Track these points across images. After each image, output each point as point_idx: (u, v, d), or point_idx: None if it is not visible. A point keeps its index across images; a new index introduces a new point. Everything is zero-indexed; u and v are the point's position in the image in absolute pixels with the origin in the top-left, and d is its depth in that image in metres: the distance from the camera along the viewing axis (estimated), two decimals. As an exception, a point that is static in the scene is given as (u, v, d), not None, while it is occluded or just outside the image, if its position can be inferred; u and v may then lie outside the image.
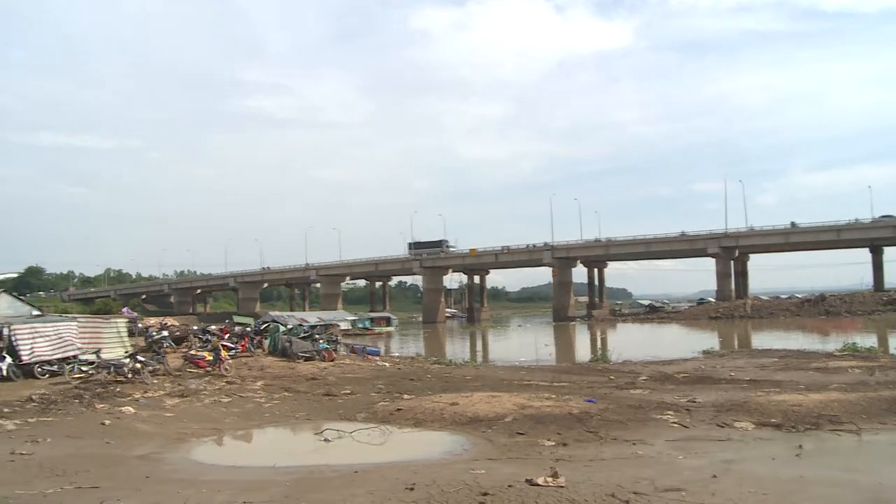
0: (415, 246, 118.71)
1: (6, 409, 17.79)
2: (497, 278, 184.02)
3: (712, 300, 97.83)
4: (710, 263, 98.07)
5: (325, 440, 14.65)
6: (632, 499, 8.55)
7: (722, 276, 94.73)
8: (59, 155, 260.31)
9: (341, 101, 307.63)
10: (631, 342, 51.42)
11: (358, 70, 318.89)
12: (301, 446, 15.24)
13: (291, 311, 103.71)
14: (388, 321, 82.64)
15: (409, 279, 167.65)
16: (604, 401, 17.75)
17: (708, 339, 52.13)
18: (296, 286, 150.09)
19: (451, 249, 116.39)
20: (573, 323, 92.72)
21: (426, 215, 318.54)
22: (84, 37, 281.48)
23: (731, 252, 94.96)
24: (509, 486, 9.16)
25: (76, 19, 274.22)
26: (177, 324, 53.95)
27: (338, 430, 15.11)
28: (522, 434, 14.01)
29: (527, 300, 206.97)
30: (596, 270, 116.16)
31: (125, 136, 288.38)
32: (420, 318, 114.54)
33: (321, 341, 32.23)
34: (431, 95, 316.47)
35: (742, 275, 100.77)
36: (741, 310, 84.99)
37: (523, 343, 60.05)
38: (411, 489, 9.32)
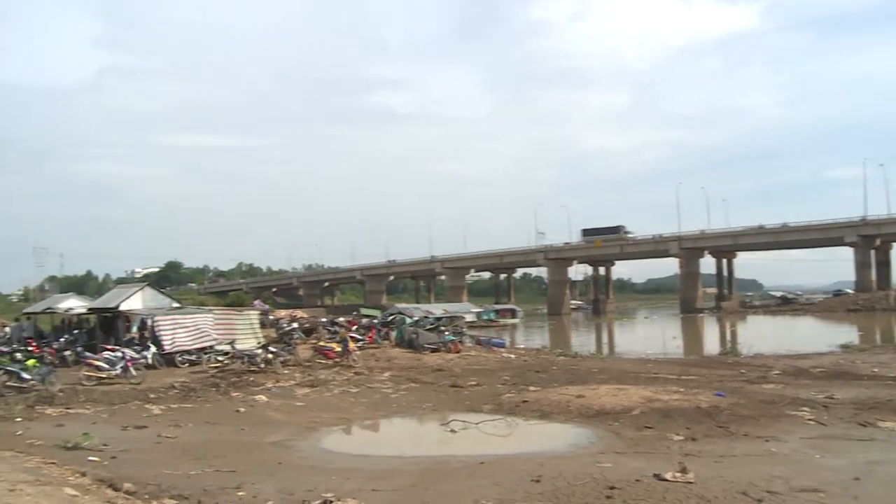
0: (589, 232, 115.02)
1: (152, 395, 18.84)
2: (622, 269, 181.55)
3: (850, 291, 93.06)
4: (847, 253, 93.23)
5: (452, 431, 14.76)
6: (765, 498, 8.27)
7: (861, 267, 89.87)
8: (197, 154, 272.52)
9: (463, 95, 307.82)
10: (762, 335, 49.65)
11: (479, 63, 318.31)
12: (427, 436, 15.44)
13: (417, 303, 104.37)
14: (512, 313, 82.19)
15: (533, 271, 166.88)
16: (734, 395, 17.21)
17: (846, 333, 49.54)
18: (421, 278, 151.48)
19: (630, 235, 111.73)
20: (701, 315, 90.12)
21: (549, 207, 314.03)
22: (219, 43, 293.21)
23: (872, 241, 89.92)
24: (637, 480, 9.02)
25: (211, 27, 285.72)
26: (306, 316, 55.34)
27: (464, 421, 15.22)
28: (650, 428, 13.76)
29: (653, 291, 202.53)
30: (725, 261, 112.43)
31: (257, 135, 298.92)
32: (545, 310, 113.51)
33: (447, 333, 32.47)
34: (553, 86, 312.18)
35: (884, 265, 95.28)
36: (883, 302, 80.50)
37: (650, 335, 58.72)
38: (537, 481, 9.30)
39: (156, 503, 8.36)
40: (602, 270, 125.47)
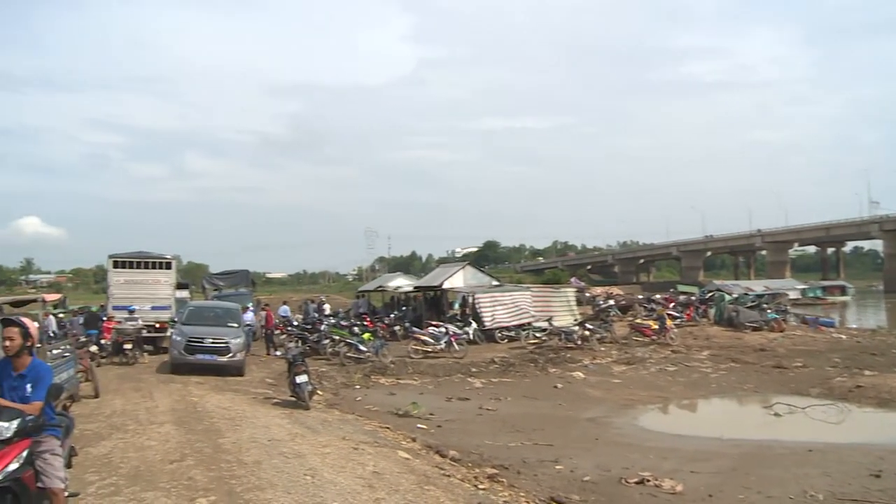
0: None
1: (474, 369, 19.90)
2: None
3: None
4: None
5: (775, 414, 14.14)
6: None
7: None
8: (502, 137, 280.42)
9: (776, 57, 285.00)
10: None
11: (792, 20, 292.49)
12: (748, 419, 14.90)
13: (736, 279, 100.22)
14: (842, 290, 76.09)
15: (866, 244, 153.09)
16: None
17: None
18: (740, 254, 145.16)
19: None
20: None
21: (881, 172, 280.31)
22: (519, 28, 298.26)
23: None
24: None
25: (506, 11, 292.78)
26: (621, 293, 55.24)
27: (789, 405, 14.49)
28: None
29: None
30: None
31: (560, 115, 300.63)
32: (881, 287, 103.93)
33: (769, 311, 30.90)
34: (879, 36, 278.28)
35: None
36: None
37: None
38: (877, 476, 8.61)
39: (478, 471, 8.84)
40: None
